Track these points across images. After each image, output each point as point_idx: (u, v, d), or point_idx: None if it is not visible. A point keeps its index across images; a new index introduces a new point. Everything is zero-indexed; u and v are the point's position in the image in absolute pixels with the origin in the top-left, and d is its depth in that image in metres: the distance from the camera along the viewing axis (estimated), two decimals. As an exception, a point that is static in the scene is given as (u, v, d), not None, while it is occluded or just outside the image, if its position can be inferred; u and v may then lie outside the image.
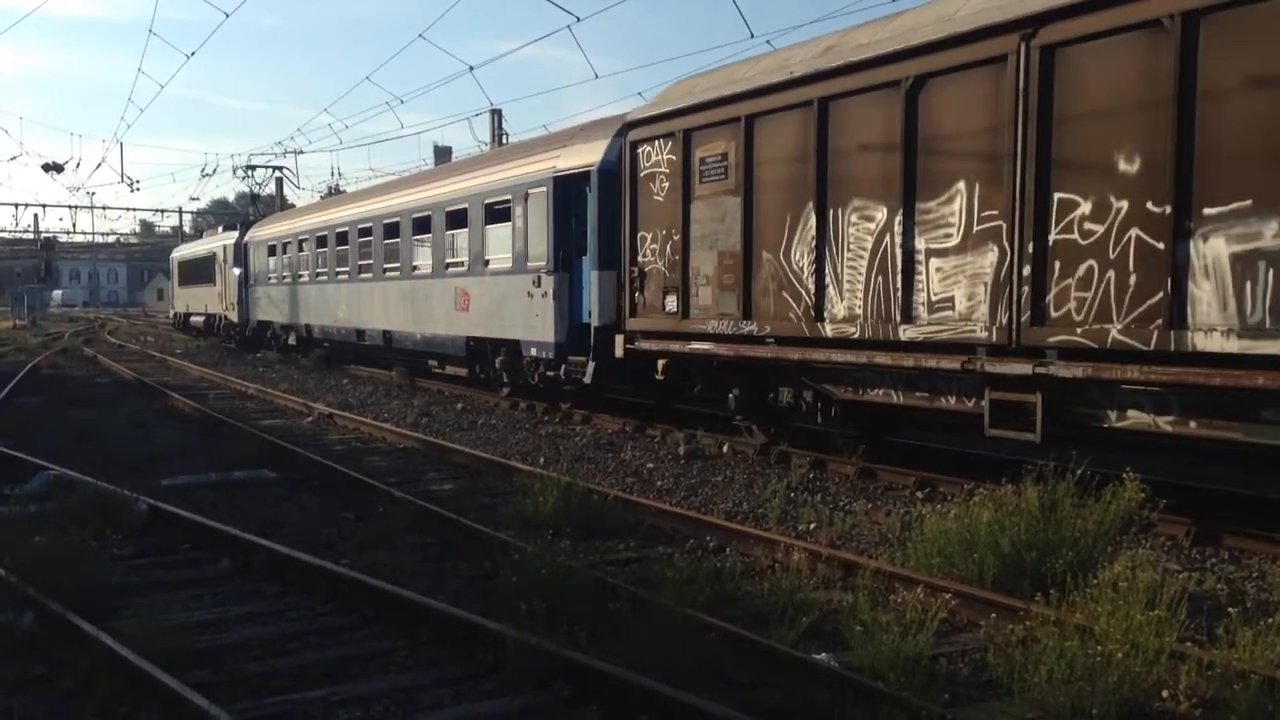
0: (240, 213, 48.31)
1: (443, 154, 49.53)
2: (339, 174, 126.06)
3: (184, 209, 77.67)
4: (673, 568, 7.19)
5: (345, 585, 7.06)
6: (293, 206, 45.28)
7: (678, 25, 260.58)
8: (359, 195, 28.74)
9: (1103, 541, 7.10)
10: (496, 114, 39.43)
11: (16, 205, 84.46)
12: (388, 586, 6.83)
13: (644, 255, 13.76)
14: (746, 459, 12.40)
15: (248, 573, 7.80)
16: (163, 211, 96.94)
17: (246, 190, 53.30)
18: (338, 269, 26.12)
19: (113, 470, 11.42)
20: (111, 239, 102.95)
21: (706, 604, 6.37)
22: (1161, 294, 8.01)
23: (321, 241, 27.36)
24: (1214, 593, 7.01)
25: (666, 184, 13.30)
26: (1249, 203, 7.53)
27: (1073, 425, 9.08)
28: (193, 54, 31.90)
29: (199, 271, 42.05)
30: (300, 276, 29.17)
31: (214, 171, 79.46)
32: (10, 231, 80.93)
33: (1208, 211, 7.78)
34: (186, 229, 72.35)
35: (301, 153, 59.50)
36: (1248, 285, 7.55)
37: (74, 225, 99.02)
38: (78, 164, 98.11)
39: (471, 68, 40.03)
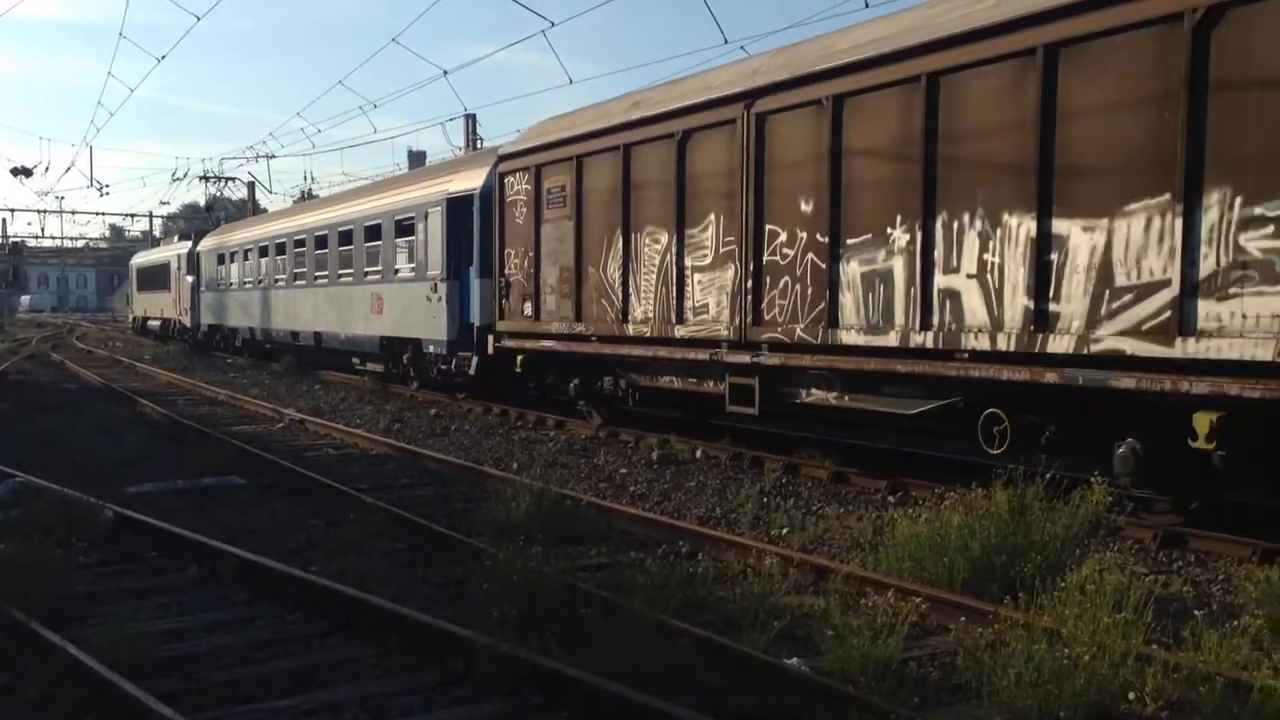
0: (211, 218, 49.14)
1: (416, 159, 49.29)
2: (312, 178, 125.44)
3: (154, 213, 77.06)
4: (644, 573, 7.16)
5: (314, 592, 7.01)
6: (265, 211, 45.75)
7: (652, 31, 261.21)
8: (296, 210, 32.44)
9: (1071, 545, 7.14)
10: (471, 119, 39.27)
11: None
12: (357, 593, 6.79)
13: (510, 268, 16.36)
14: (720, 464, 12.42)
15: (215, 580, 7.73)
16: (133, 216, 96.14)
17: (216, 194, 53.34)
18: (276, 276, 28.91)
19: (79, 477, 11.29)
20: (80, 244, 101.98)
21: (678, 609, 6.37)
22: (824, 302, 10.72)
23: (264, 251, 30.05)
24: (1180, 595, 7.07)
25: (525, 209, 15.89)
26: (870, 235, 10.26)
27: (780, 402, 11.76)
28: (163, 57, 31.64)
29: (156, 278, 44.76)
30: (245, 283, 31.84)
31: (184, 176, 78.47)
32: (-23, 236, 80.00)
33: (849, 241, 10.49)
34: (157, 234, 71.76)
35: (273, 157, 59.11)
36: (869, 295, 10.28)
37: (43, 230, 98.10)
38: (46, 168, 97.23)
39: (445, 72, 39.91)
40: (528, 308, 15.78)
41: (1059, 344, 8.59)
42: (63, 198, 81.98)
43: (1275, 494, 8.91)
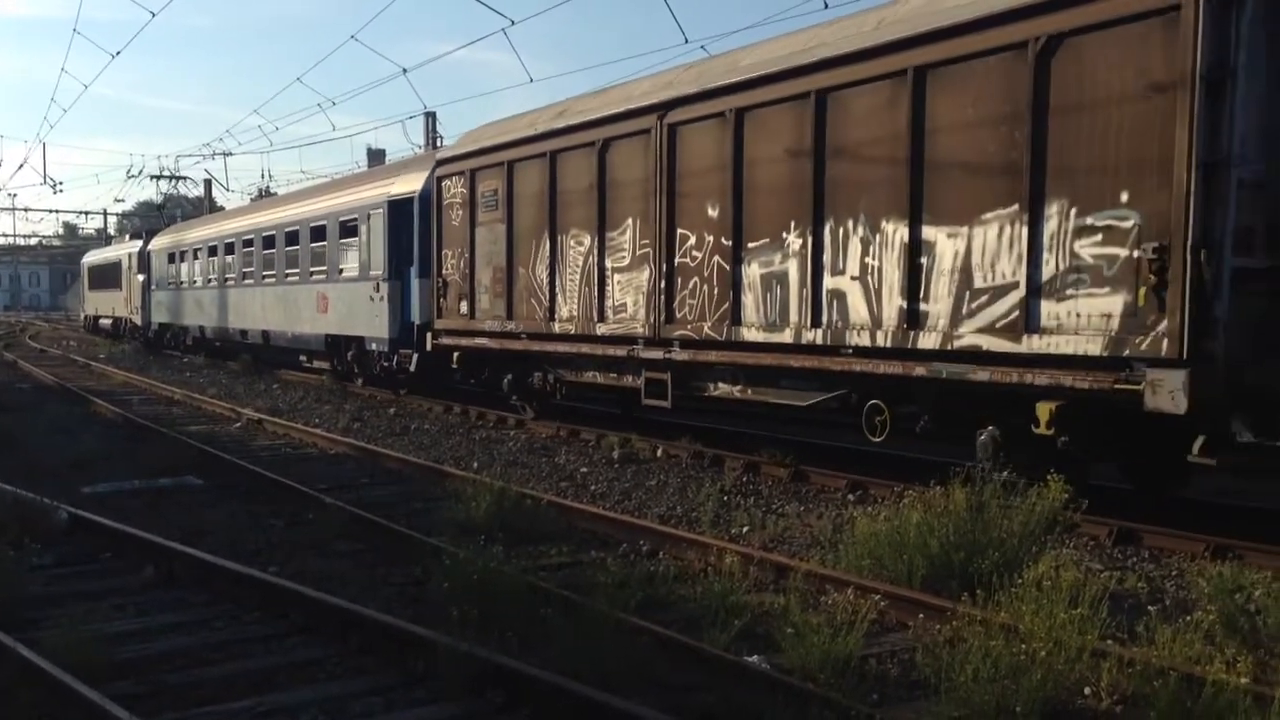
0: (163, 217, 49.09)
1: (376, 157, 48.99)
2: (270, 176, 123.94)
3: (109, 211, 75.97)
4: (605, 572, 7.18)
5: (273, 593, 6.95)
6: (222, 209, 45.53)
7: (613, 30, 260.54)
8: (245, 210, 33.35)
9: (1028, 542, 7.21)
10: (430, 117, 39.09)
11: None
12: (316, 594, 6.74)
13: (447, 268, 17.14)
14: (680, 463, 12.44)
15: (172, 582, 7.65)
16: (87, 214, 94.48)
17: (173, 193, 52.92)
18: (226, 276, 29.46)
19: (33, 477, 11.12)
20: (34, 241, 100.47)
21: (639, 608, 6.38)
22: (729, 302, 11.52)
23: (213, 251, 30.60)
24: (1135, 591, 7.17)
25: (461, 212, 16.68)
26: (768, 240, 11.07)
27: (690, 396, 12.69)
28: (118, 53, 31.19)
29: (107, 277, 45.36)
30: (195, 282, 32.40)
31: (140, 173, 77.22)
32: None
33: (750, 245, 11.30)
34: (111, 231, 70.82)
35: (231, 154, 58.57)
36: (768, 295, 11.08)
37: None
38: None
39: (405, 70, 39.74)
40: (464, 306, 16.62)
41: (928, 340, 9.47)
42: (15, 195, 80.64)
43: (1122, 477, 9.79)
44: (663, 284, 12.44)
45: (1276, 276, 7.63)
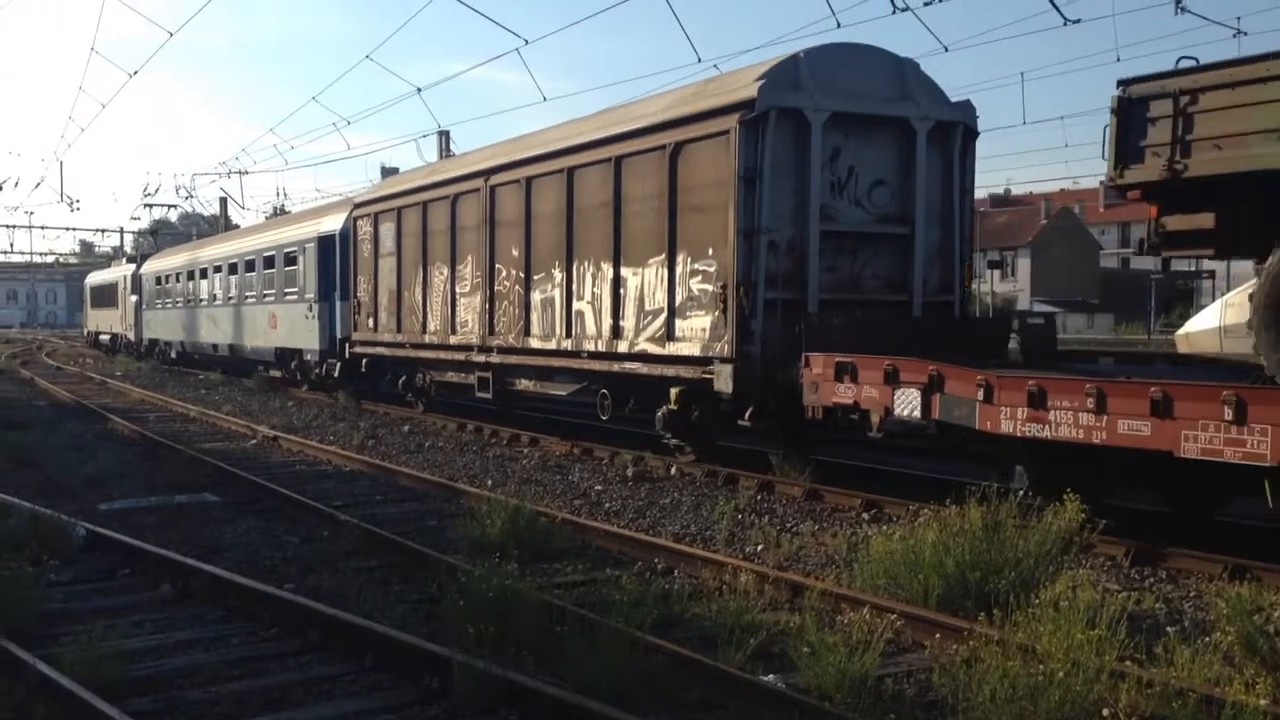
0: (153, 242, 51.66)
1: (390, 175, 49.20)
2: (285, 194, 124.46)
3: (125, 229, 76.46)
4: (620, 590, 7.16)
5: (288, 610, 6.97)
6: (237, 227, 46.43)
7: (626, 49, 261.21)
8: (217, 239, 38.67)
9: (1044, 561, 7.19)
10: (444, 135, 39.29)
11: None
12: (332, 611, 6.75)
13: (360, 291, 21.67)
14: (694, 481, 12.43)
15: (189, 598, 7.67)
16: (103, 231, 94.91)
17: (189, 210, 54.06)
18: (200, 297, 34.10)
19: (50, 494, 11.20)
20: (50, 259, 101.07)
21: (654, 626, 6.36)
22: (523, 319, 15.69)
23: (190, 275, 35.19)
24: (1153, 612, 7.12)
25: (368, 246, 21.24)
26: (545, 273, 15.24)
27: (506, 391, 16.99)
28: (135, 73, 31.50)
29: (105, 296, 50.26)
30: (176, 302, 37.08)
31: (156, 191, 77.92)
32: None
33: (535, 277, 15.51)
34: (128, 249, 71.28)
35: (246, 173, 58.73)
36: (545, 314, 15.25)
37: (11, 245, 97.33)
38: (16, 183, 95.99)
39: (419, 89, 39.95)
40: (371, 322, 21.05)
41: (622, 346, 13.52)
42: (32, 213, 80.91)
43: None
44: (488, 305, 16.66)
45: (794, 305, 11.71)
